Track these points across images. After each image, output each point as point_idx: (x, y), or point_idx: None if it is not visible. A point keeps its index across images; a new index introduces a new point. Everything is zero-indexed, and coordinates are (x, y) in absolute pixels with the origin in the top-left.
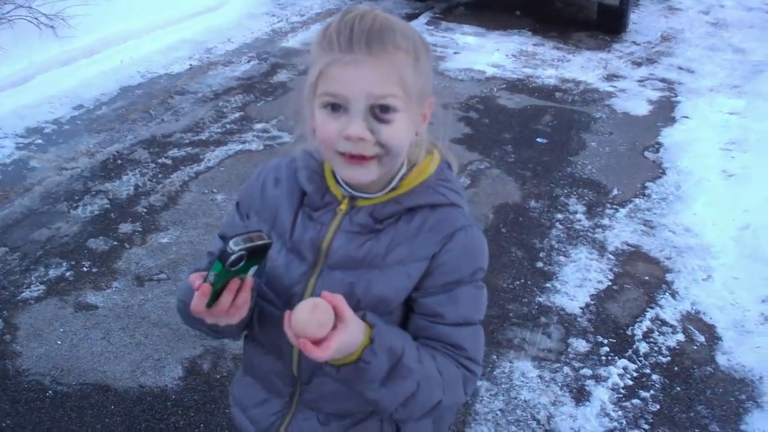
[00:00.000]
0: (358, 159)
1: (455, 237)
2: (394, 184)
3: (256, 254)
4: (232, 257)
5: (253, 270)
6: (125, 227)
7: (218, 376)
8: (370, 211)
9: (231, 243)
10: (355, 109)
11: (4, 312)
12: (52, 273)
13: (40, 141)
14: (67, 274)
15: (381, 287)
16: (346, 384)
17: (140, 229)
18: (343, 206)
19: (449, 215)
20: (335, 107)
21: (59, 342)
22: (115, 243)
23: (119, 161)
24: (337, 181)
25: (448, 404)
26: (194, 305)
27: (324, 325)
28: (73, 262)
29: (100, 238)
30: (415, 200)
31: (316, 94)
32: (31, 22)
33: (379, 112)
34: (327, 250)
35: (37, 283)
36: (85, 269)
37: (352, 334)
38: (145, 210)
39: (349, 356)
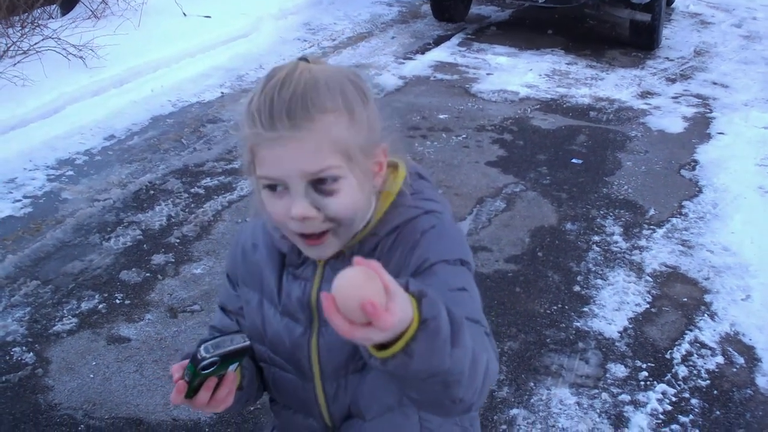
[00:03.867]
0: (314, 240)
1: (421, 239)
2: (366, 220)
3: (234, 356)
4: (204, 363)
5: (234, 366)
6: (158, 258)
7: (252, 408)
8: (350, 254)
9: (201, 349)
10: (294, 189)
11: (36, 346)
12: (85, 306)
13: (71, 172)
14: (100, 306)
15: None
16: (418, 365)
17: (173, 260)
18: None
19: (413, 225)
20: (273, 187)
21: (92, 375)
22: (148, 274)
23: (151, 191)
24: None
25: (492, 367)
26: (173, 397)
27: (382, 291)
28: (105, 295)
29: (133, 269)
30: (391, 224)
31: (256, 174)
32: (59, 53)
33: (320, 185)
34: (317, 306)
35: (70, 316)
36: (117, 301)
37: (403, 295)
38: (177, 240)
39: (409, 326)
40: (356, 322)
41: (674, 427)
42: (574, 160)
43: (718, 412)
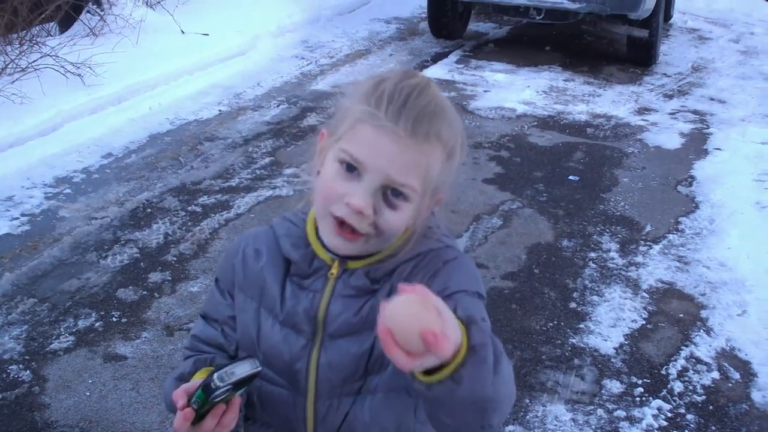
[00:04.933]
0: (347, 233)
1: (444, 267)
2: (387, 245)
3: (244, 383)
4: (217, 392)
5: (242, 391)
6: (155, 276)
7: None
8: (366, 272)
9: (216, 378)
10: (368, 182)
11: (33, 363)
12: (81, 324)
13: (68, 190)
14: (97, 324)
15: None
16: (464, 392)
17: (170, 278)
18: (334, 270)
19: (437, 254)
20: (350, 168)
21: (88, 393)
22: (145, 293)
23: (149, 210)
24: (323, 245)
25: (513, 390)
26: (177, 425)
27: (438, 319)
28: (102, 313)
29: (130, 287)
30: (415, 250)
31: (338, 142)
32: (57, 71)
33: (391, 195)
34: (324, 319)
35: (66, 334)
36: (114, 319)
37: (453, 319)
38: (174, 259)
39: (458, 352)
40: (415, 353)
41: None
42: (570, 177)
43: (713, 428)
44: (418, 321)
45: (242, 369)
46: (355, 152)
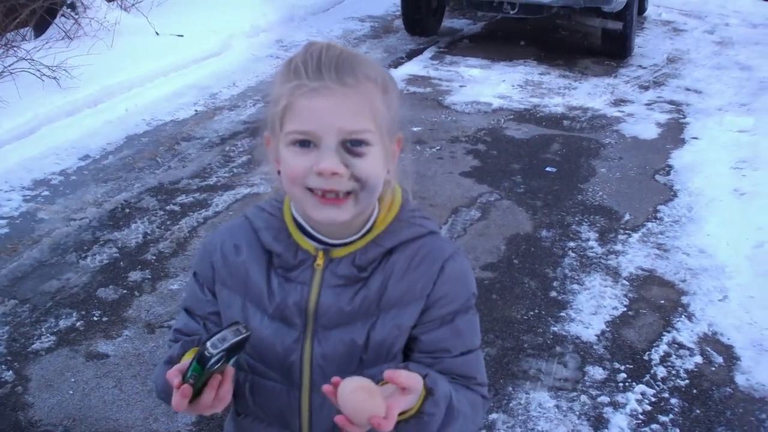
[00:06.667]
0: (333, 199)
1: (446, 267)
2: (369, 225)
3: (236, 348)
4: (212, 360)
5: (233, 360)
6: (135, 275)
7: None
8: (351, 260)
9: (209, 345)
10: (327, 144)
11: (15, 364)
12: (63, 323)
13: (47, 192)
14: (78, 324)
15: (382, 334)
16: None
17: (150, 277)
18: (320, 261)
19: (434, 246)
20: (304, 143)
21: (71, 392)
22: (125, 291)
23: (127, 210)
24: (306, 234)
25: None
26: (175, 404)
27: (382, 403)
28: (83, 312)
29: (110, 287)
30: (398, 237)
31: (282, 132)
32: (33, 74)
33: (352, 146)
34: (315, 311)
35: (48, 334)
36: (95, 318)
37: (411, 398)
38: (154, 257)
39: (407, 411)
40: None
41: (654, 426)
42: (548, 169)
43: (698, 411)
44: (364, 409)
45: (231, 335)
46: (301, 127)
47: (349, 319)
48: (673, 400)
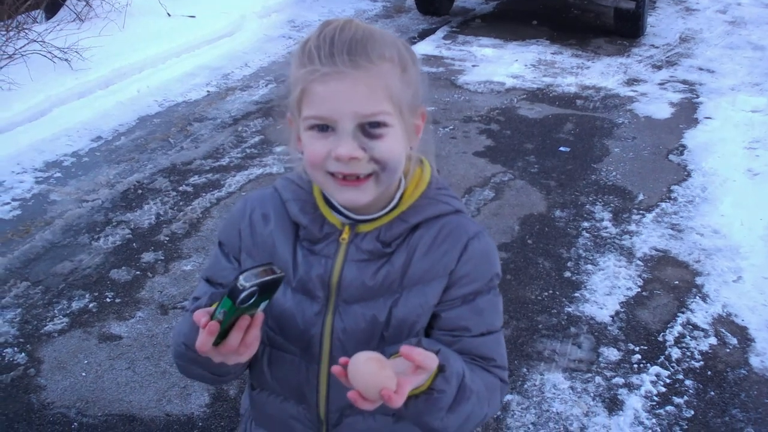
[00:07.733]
0: (353, 181)
1: (469, 246)
2: (395, 202)
3: (268, 289)
4: (243, 294)
5: (263, 305)
6: (148, 256)
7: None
8: (376, 235)
9: (241, 278)
10: (344, 129)
11: (28, 346)
12: (75, 305)
13: (59, 174)
14: (91, 305)
15: (404, 311)
16: (411, 417)
17: (163, 258)
18: (345, 235)
19: (459, 224)
20: (322, 128)
21: (84, 374)
22: (138, 273)
23: (140, 191)
24: (333, 208)
25: (489, 415)
26: (200, 344)
27: (393, 376)
28: (96, 294)
29: (123, 268)
30: (423, 214)
31: (300, 117)
32: (45, 56)
33: (370, 128)
34: (338, 285)
35: (61, 316)
36: (108, 300)
37: (423, 376)
38: (167, 238)
39: (418, 387)
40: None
41: (669, 408)
42: (561, 148)
43: (712, 393)
44: (376, 380)
45: (264, 273)
46: (317, 112)
47: (371, 295)
48: (688, 382)
